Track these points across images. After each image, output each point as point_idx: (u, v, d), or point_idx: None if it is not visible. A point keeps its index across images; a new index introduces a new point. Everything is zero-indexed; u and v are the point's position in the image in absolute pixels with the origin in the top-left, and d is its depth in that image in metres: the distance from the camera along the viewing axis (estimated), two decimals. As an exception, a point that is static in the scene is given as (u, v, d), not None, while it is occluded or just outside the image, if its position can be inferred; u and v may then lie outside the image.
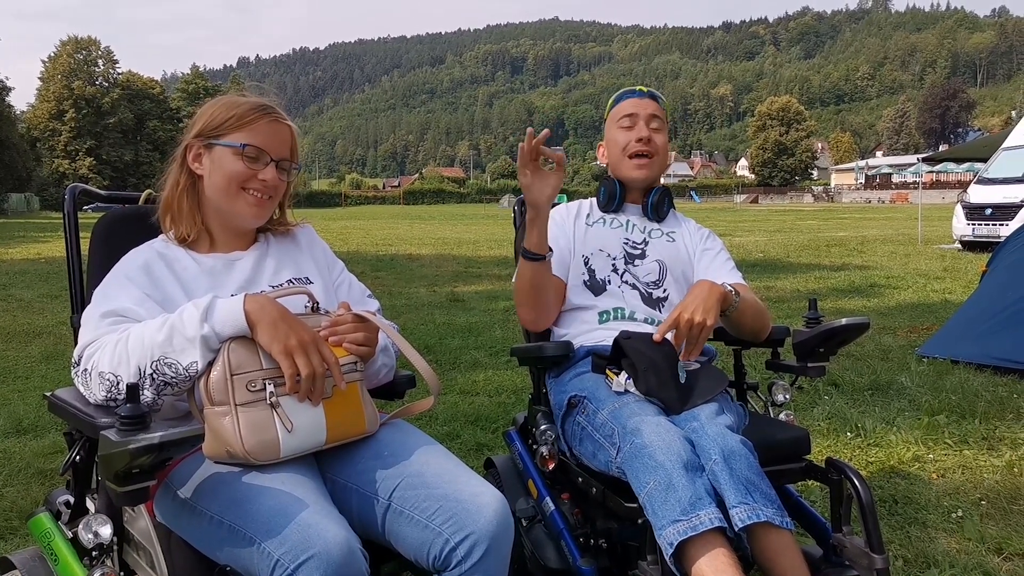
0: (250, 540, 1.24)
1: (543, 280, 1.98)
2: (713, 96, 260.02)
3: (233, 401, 1.32)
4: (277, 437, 1.34)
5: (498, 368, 4.90)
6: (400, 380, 1.75)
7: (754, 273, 10.08)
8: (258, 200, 1.60)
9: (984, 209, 12.96)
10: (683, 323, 1.76)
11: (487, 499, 1.37)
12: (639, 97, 2.18)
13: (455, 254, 14.35)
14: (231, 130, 1.57)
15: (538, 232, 1.90)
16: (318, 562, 1.18)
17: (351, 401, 1.46)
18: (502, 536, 1.36)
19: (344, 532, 1.23)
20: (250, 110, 1.59)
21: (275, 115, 1.61)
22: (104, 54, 64.69)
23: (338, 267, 1.82)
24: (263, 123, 1.59)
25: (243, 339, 1.36)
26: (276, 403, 1.35)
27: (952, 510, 2.68)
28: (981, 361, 4.58)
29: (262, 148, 1.58)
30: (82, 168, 58.51)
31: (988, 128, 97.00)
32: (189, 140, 1.61)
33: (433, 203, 73.70)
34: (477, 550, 1.32)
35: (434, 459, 1.47)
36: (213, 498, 1.33)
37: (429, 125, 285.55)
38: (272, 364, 1.36)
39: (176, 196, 1.62)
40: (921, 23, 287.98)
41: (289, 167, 1.65)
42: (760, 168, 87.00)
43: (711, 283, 1.88)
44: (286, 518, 1.23)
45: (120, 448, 1.07)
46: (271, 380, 1.35)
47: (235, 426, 1.32)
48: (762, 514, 1.51)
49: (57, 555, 1.48)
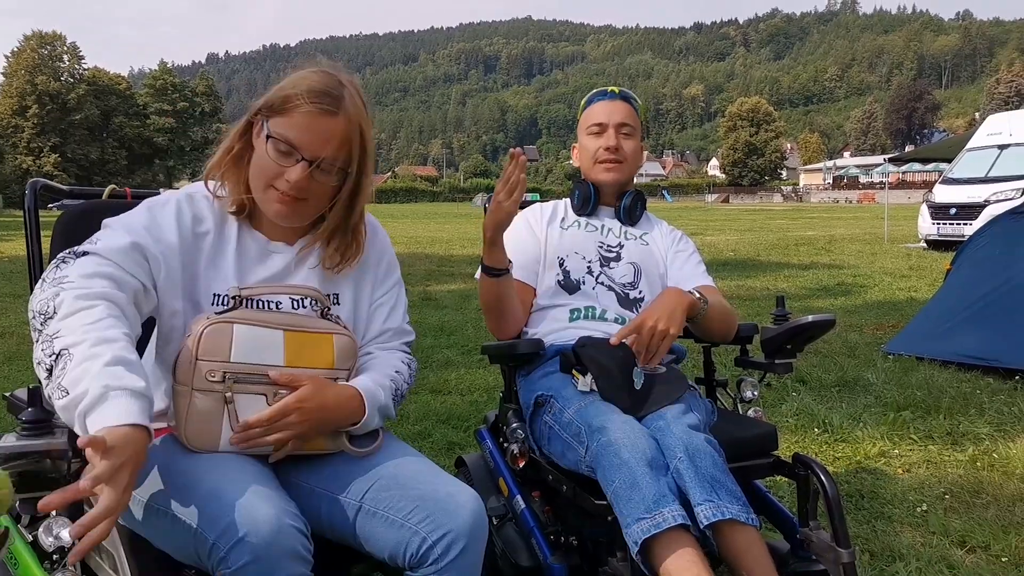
0: (189, 527, 1.24)
1: (507, 291, 1.98)
2: (685, 96, 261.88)
3: (192, 383, 1.33)
4: (219, 430, 1.35)
5: (470, 367, 4.89)
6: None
7: (725, 272, 10.17)
8: (282, 199, 1.39)
9: (949, 209, 13.18)
10: (646, 330, 1.76)
11: (464, 498, 1.37)
12: (610, 99, 2.18)
13: (428, 253, 14.30)
14: (276, 113, 1.37)
15: (499, 249, 1.89)
16: (247, 543, 1.17)
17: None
18: (479, 535, 1.36)
19: (273, 510, 1.22)
20: (298, 94, 1.36)
21: (322, 105, 1.36)
22: (69, 49, 63.46)
23: (389, 281, 1.64)
24: (302, 113, 1.36)
25: (220, 327, 1.35)
26: (230, 399, 1.34)
27: (917, 504, 2.72)
28: (946, 358, 4.66)
29: (293, 143, 1.36)
30: (46, 165, 57.28)
31: (953, 129, 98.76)
32: (253, 113, 1.42)
33: (406, 201, 73.34)
34: (455, 548, 1.32)
35: (407, 462, 1.46)
36: (160, 490, 1.32)
37: (402, 123, 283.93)
38: (240, 360, 1.34)
39: (224, 161, 1.45)
40: (888, 25, 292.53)
41: (334, 169, 1.40)
42: (731, 168, 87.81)
43: (679, 291, 1.89)
44: (220, 502, 1.22)
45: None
46: (232, 375, 1.34)
47: (186, 409, 1.33)
48: (727, 511, 1.53)
49: (17, 559, 1.45)
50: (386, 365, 1.57)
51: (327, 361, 1.45)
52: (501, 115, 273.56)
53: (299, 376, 1.39)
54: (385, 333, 1.62)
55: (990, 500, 2.75)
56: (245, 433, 1.35)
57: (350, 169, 1.43)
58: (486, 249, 1.89)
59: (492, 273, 1.92)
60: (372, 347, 1.61)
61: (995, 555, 2.35)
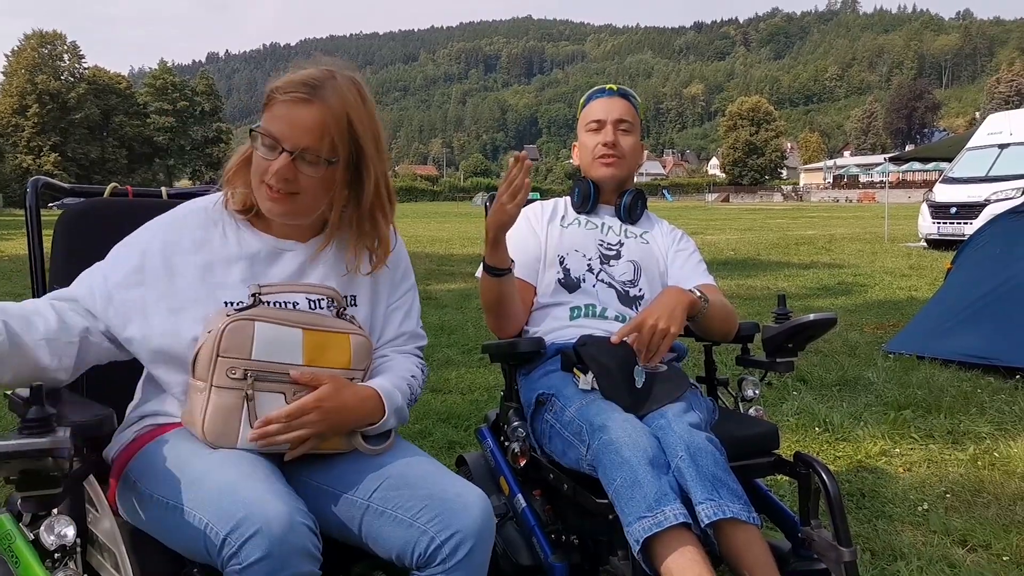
0: (200, 521, 1.23)
1: (509, 291, 1.98)
2: (685, 95, 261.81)
3: (211, 380, 1.33)
4: (238, 428, 1.35)
5: (471, 366, 4.89)
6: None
7: (725, 271, 10.17)
8: (272, 194, 1.40)
9: (949, 208, 13.17)
10: (646, 329, 1.75)
11: (472, 499, 1.37)
12: (609, 97, 2.18)
13: (428, 252, 14.29)
14: (264, 110, 1.41)
15: (501, 249, 1.89)
16: (260, 539, 1.17)
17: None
18: (487, 535, 1.36)
19: (285, 507, 1.22)
20: (278, 87, 1.38)
21: (297, 94, 1.36)
22: (70, 48, 63.44)
23: (404, 286, 1.65)
24: (280, 104, 1.37)
25: (241, 324, 1.35)
26: (251, 396, 1.34)
27: (918, 503, 2.72)
28: (946, 356, 4.66)
29: (275, 135, 1.36)
30: (46, 164, 57.25)
31: (953, 128, 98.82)
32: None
33: (406, 201, 73.26)
34: (463, 548, 1.32)
35: (416, 462, 1.46)
36: (167, 484, 1.31)
37: (402, 123, 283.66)
38: (261, 358, 1.35)
39: (236, 165, 1.48)
40: (888, 25, 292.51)
41: (320, 160, 1.38)
42: (731, 167, 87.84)
43: (679, 290, 1.89)
44: (231, 497, 1.22)
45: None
46: (253, 373, 1.35)
47: (204, 405, 1.33)
48: (728, 510, 1.53)
49: (18, 558, 1.45)
50: (402, 368, 1.57)
51: (344, 361, 1.45)
52: (501, 114, 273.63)
53: (320, 375, 1.39)
54: (401, 336, 1.63)
55: (991, 499, 2.75)
56: (263, 430, 1.34)
57: (334, 159, 1.40)
58: (489, 249, 1.88)
59: (494, 273, 1.92)
60: (387, 350, 1.61)
61: (996, 554, 2.35)
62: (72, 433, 1.11)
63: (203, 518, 1.23)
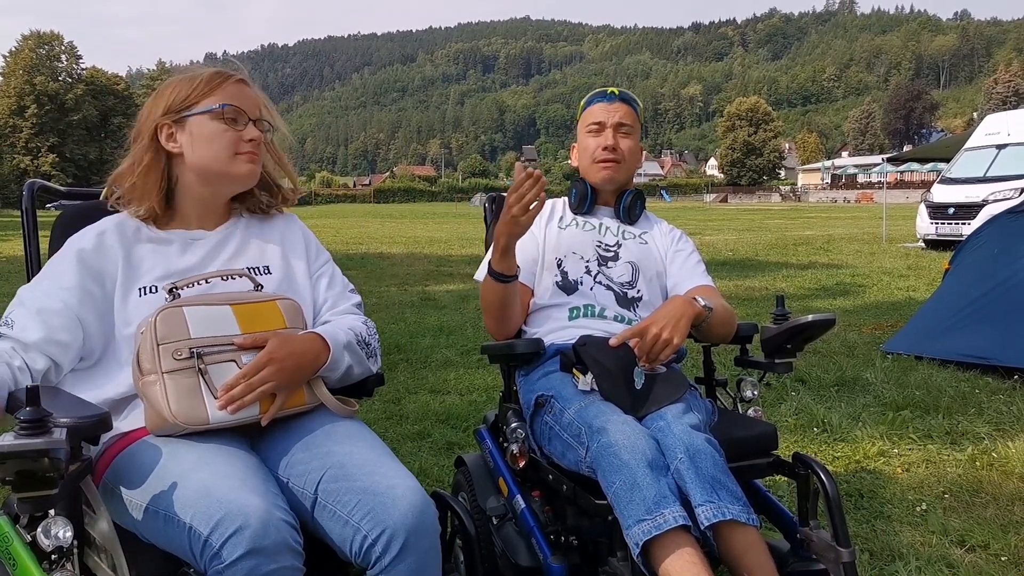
0: (181, 524, 1.24)
1: (513, 296, 1.99)
2: (683, 96, 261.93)
3: (160, 369, 1.36)
4: (204, 403, 1.37)
5: (469, 367, 4.89)
6: (369, 377, 1.72)
7: (723, 271, 10.17)
8: (251, 157, 1.59)
9: (947, 208, 13.18)
10: (649, 337, 1.75)
11: (402, 491, 1.34)
12: (609, 101, 2.18)
13: (426, 253, 14.30)
14: (200, 98, 1.56)
15: (511, 256, 1.89)
16: (240, 536, 1.18)
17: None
18: (420, 528, 1.32)
19: (263, 503, 1.22)
20: (214, 75, 1.59)
21: (238, 76, 1.60)
22: (68, 49, 63.44)
23: (322, 258, 1.78)
24: (230, 85, 1.58)
25: (171, 311, 1.40)
26: (203, 370, 1.38)
27: (916, 504, 2.72)
28: (944, 357, 4.66)
29: (241, 108, 1.57)
30: (44, 165, 57.26)
31: (951, 129, 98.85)
32: (158, 121, 1.57)
33: (404, 201, 73.34)
34: (394, 544, 1.29)
35: (358, 448, 1.44)
36: (145, 488, 1.32)
37: (400, 123, 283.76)
38: (200, 334, 1.39)
39: (137, 173, 1.58)
40: (886, 25, 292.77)
41: (268, 127, 1.63)
42: (729, 168, 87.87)
43: (686, 301, 1.87)
44: (209, 496, 1.23)
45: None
46: (198, 350, 1.38)
47: (163, 392, 1.35)
48: (727, 512, 1.52)
49: (15, 560, 1.44)
50: (340, 321, 1.65)
51: (279, 323, 1.52)
52: (499, 115, 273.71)
53: (262, 336, 1.46)
54: (330, 299, 1.72)
55: (989, 499, 2.75)
56: (229, 395, 1.38)
57: (271, 127, 1.64)
58: (497, 256, 1.88)
59: (501, 279, 1.92)
60: (325, 316, 1.68)
61: (994, 554, 2.35)
62: (68, 434, 1.11)
63: (184, 520, 1.24)
